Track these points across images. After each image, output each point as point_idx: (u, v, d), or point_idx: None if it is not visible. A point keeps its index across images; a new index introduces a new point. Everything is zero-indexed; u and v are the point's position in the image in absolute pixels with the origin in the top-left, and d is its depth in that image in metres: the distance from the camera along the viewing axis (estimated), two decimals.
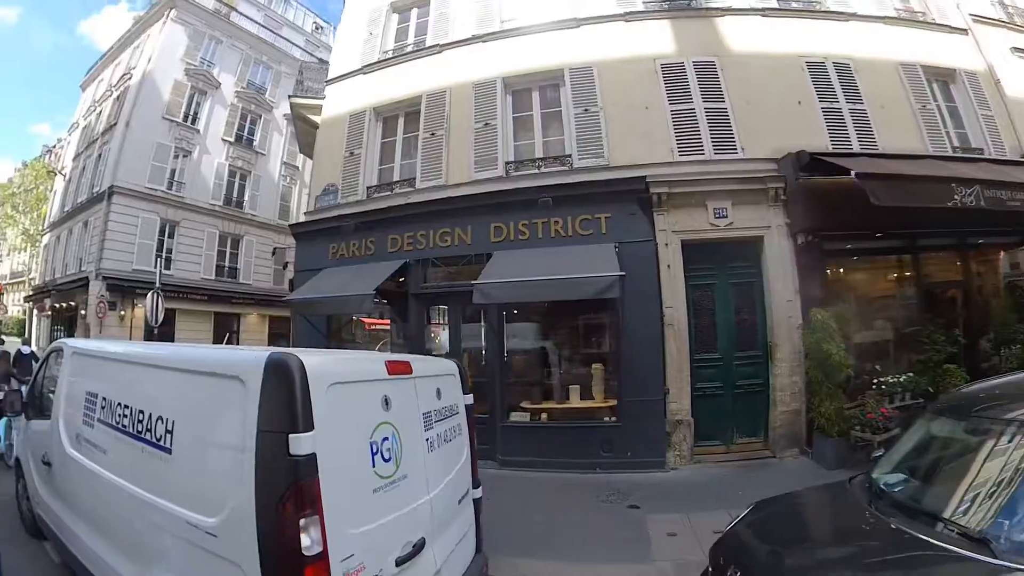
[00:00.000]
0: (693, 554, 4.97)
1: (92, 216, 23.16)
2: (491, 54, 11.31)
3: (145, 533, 3.18)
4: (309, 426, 2.40)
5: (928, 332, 9.17)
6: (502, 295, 8.37)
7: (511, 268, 8.65)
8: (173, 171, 23.55)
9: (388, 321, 11.98)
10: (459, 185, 10.46)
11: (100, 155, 24.76)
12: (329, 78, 13.29)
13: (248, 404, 2.49)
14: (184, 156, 24.03)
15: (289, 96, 14.01)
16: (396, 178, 11.47)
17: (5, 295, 32.39)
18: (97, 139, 25.95)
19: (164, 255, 22.41)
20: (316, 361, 2.62)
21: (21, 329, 34.43)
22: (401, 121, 11.90)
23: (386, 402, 3.16)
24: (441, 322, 10.62)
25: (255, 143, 26.63)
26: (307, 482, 2.37)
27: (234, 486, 2.51)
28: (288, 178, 27.90)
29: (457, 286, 9.70)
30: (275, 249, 25.42)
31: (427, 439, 3.57)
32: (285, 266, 24.29)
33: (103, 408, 3.87)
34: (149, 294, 13.71)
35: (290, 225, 12.74)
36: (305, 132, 14.19)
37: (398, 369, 3.43)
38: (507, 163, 10.53)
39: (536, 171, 10.37)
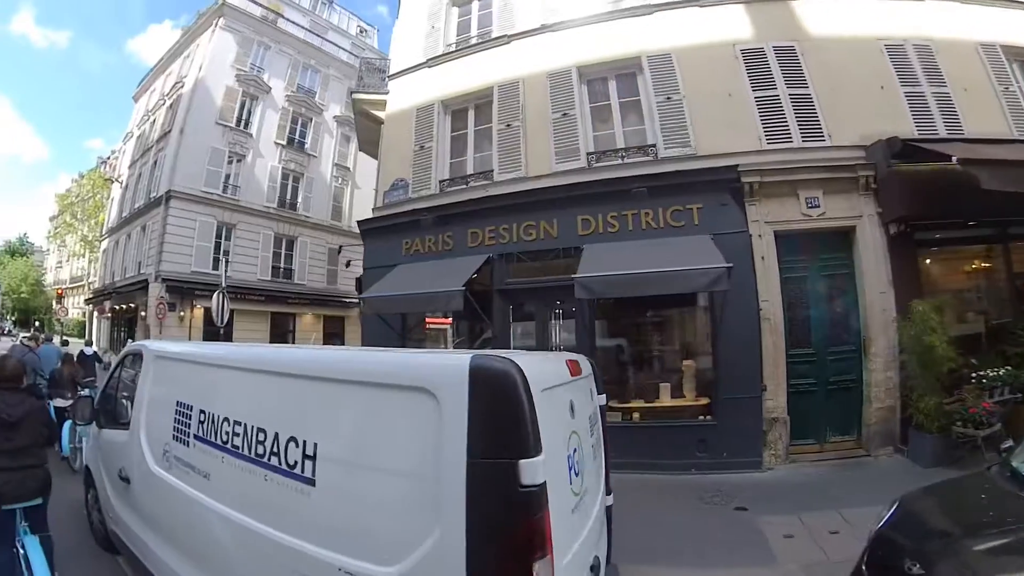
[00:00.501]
0: (815, 555, 4.98)
1: (150, 220, 23.44)
2: (563, 43, 10.88)
3: None
4: (539, 448, 1.95)
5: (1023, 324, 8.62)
6: (605, 289, 7.90)
7: (608, 262, 8.17)
8: (228, 175, 23.69)
9: (448, 320, 11.60)
10: (540, 177, 10.03)
11: (156, 162, 25.12)
12: (391, 73, 12.98)
13: (445, 424, 2.00)
14: (238, 160, 24.15)
15: (351, 92, 13.74)
16: (470, 171, 11.09)
17: (66, 298, 33.45)
18: (152, 147, 26.39)
19: (222, 257, 22.57)
20: (525, 363, 2.12)
21: (81, 331, 35.33)
22: (471, 113, 11.53)
23: (571, 408, 2.73)
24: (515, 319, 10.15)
25: (307, 145, 26.67)
26: (538, 517, 1.94)
27: (424, 525, 2.03)
28: (340, 179, 27.88)
29: (547, 281, 9.33)
30: (340, 247, 25.44)
31: (591, 445, 3.13)
32: (348, 264, 24.41)
33: (201, 423, 3.36)
34: (215, 294, 13.60)
35: (358, 222, 12.39)
36: (367, 129, 13.93)
37: (575, 369, 2.99)
38: (588, 154, 10.07)
39: (619, 161, 9.92)
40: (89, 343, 16.11)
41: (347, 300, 25.97)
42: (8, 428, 3.70)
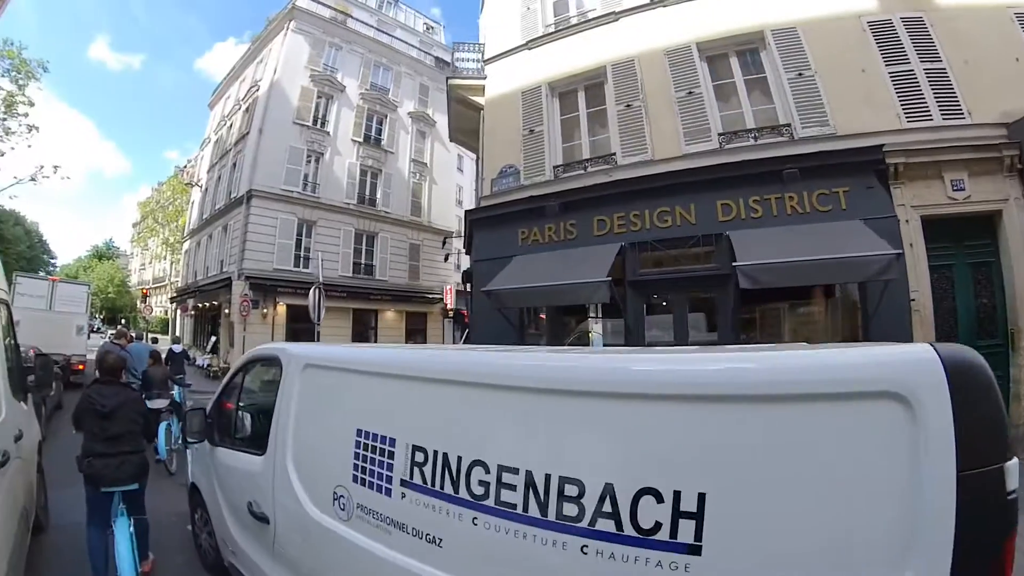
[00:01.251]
0: None
1: (231, 220, 23.67)
2: (677, 19, 10.05)
3: None
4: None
5: None
6: (771, 278, 7.03)
7: (762, 249, 7.35)
8: (307, 173, 23.66)
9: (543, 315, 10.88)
10: (668, 160, 9.21)
11: (235, 163, 25.45)
12: (487, 57, 12.33)
13: (924, 434, 1.50)
14: (316, 158, 24.12)
15: (448, 78, 13.15)
16: (585, 155, 10.32)
17: (150, 297, 34.51)
18: (230, 150, 26.77)
19: (303, 254, 22.57)
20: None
21: (165, 328, 36.27)
22: (581, 95, 10.77)
23: None
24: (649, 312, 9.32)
25: (383, 142, 26.46)
26: (1015, 528, 1.58)
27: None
28: (417, 175, 27.62)
29: (687, 271, 8.55)
30: (445, 239, 25.32)
31: None
32: (447, 258, 24.18)
33: (420, 465, 2.41)
34: (311, 290, 13.23)
35: (466, 211, 11.85)
36: (462, 116, 13.36)
37: None
38: (719, 134, 9.17)
39: (751, 142, 9.02)
40: (177, 340, 16.02)
41: (429, 296, 25.75)
42: (103, 418, 3.95)
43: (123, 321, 44.08)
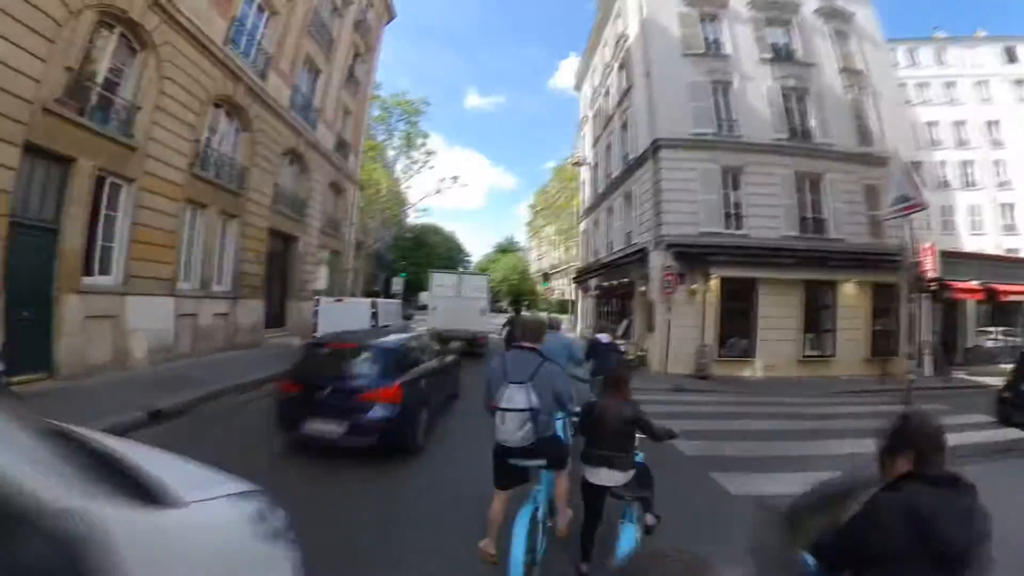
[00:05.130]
0: None
1: (634, 185, 19.48)
2: None
3: None
4: None
5: None
6: None
7: None
8: (718, 110, 17.84)
9: None
10: None
11: (624, 123, 21.55)
12: None
13: None
14: (724, 89, 18.02)
15: None
16: None
17: (551, 280, 34.61)
18: (613, 114, 23.14)
19: (733, 211, 16.89)
20: None
21: (564, 310, 35.74)
22: None
23: None
24: None
25: (797, 54, 18.89)
26: None
27: None
28: (854, 88, 19.00)
29: None
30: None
31: None
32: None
33: None
34: None
35: None
36: None
37: None
38: None
39: None
40: (603, 329, 12.21)
41: (899, 260, 16.91)
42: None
43: (526, 304, 46.18)
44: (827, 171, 17.45)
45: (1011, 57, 35.13)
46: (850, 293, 16.82)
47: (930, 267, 15.94)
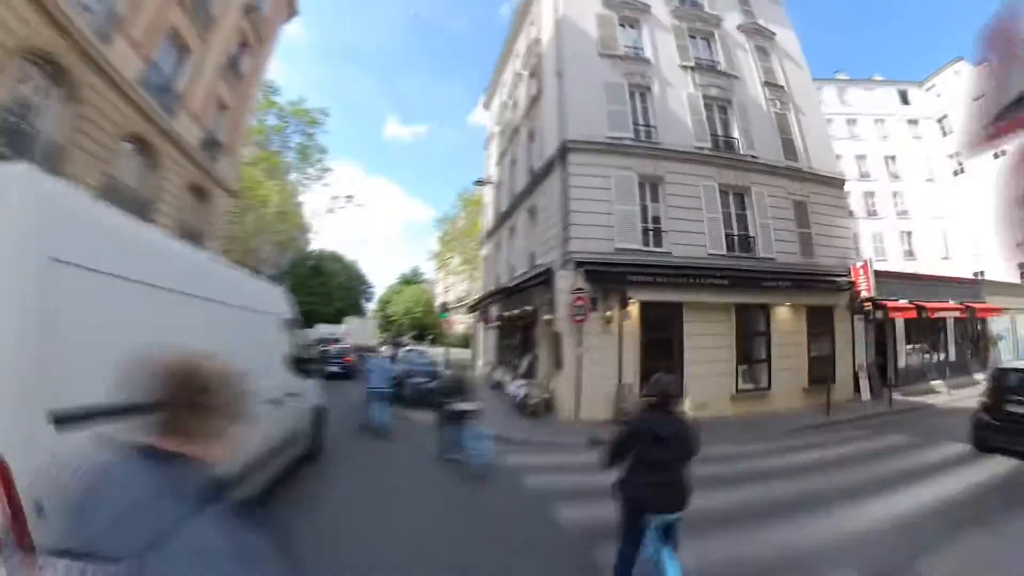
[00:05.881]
0: None
1: (539, 199, 16.73)
2: None
3: None
4: None
5: None
6: None
7: None
8: (636, 114, 15.59)
9: None
10: None
11: (531, 133, 19.03)
12: None
13: None
14: (643, 94, 15.91)
15: None
16: None
17: (451, 312, 31.32)
18: (520, 127, 20.67)
19: (651, 226, 14.45)
20: None
21: (466, 344, 32.63)
22: None
23: None
24: None
25: (721, 65, 17.23)
26: None
27: None
28: (777, 103, 17.51)
29: None
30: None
31: None
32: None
33: None
34: None
35: None
36: None
37: None
38: None
39: None
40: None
41: (834, 279, 15.36)
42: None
43: (428, 338, 42.78)
44: (753, 185, 15.44)
45: (904, 99, 37.44)
46: (784, 318, 14.69)
47: (865, 286, 14.65)
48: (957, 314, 19.07)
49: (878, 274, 15.85)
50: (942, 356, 19.78)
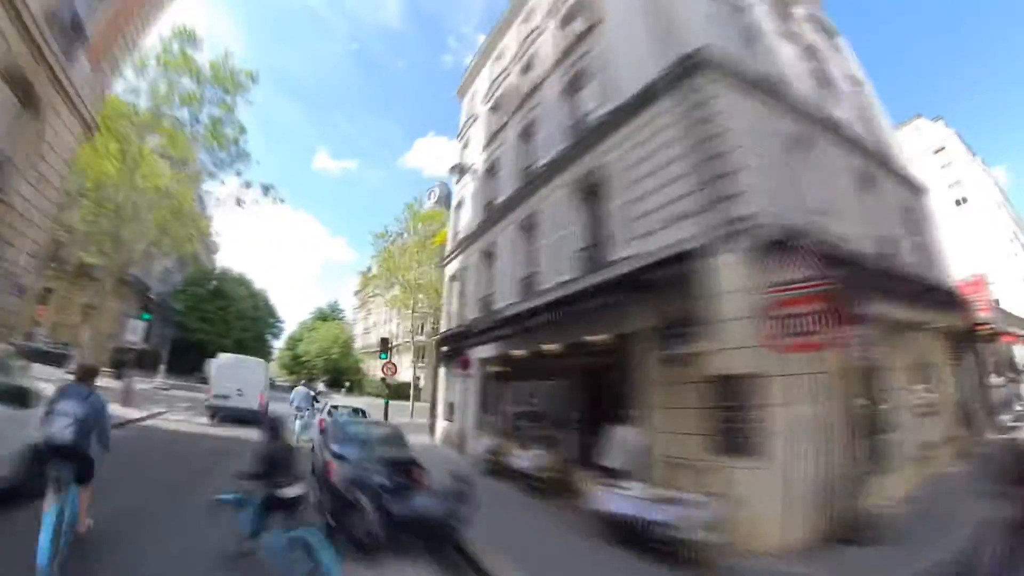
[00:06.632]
0: None
1: (612, 155, 10.35)
2: None
3: None
4: None
5: None
6: None
7: None
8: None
9: None
10: None
11: (574, 80, 13.15)
12: None
13: None
14: None
15: None
16: None
17: (392, 353, 23.69)
18: (547, 77, 14.42)
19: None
20: None
21: (398, 394, 25.15)
22: None
23: None
24: None
25: None
26: None
27: None
28: None
29: None
30: None
31: None
32: None
33: None
34: None
35: None
36: None
37: None
38: None
39: None
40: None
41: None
42: None
43: (346, 385, 38.57)
44: None
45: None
46: None
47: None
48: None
49: None
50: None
